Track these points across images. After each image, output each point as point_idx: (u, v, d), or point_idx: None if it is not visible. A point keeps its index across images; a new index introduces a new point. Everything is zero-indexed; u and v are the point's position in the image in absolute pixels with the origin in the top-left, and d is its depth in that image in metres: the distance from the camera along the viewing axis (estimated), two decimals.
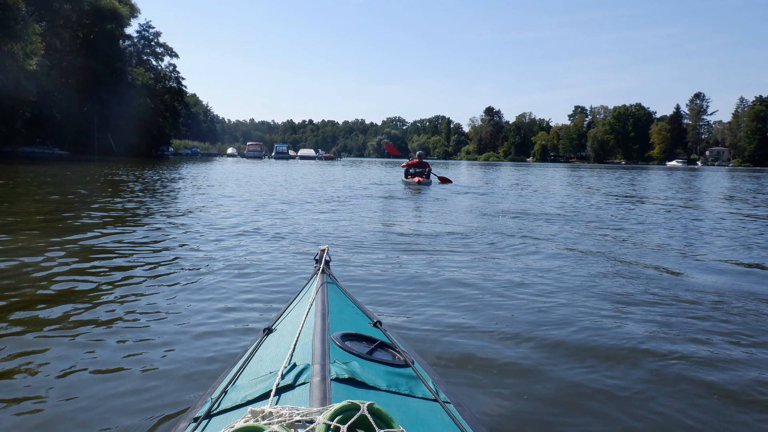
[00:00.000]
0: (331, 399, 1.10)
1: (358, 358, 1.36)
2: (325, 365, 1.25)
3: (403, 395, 1.26)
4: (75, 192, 11.69)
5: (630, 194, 16.12)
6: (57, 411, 2.12)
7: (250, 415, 0.95)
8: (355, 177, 24.75)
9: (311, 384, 1.17)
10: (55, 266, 4.41)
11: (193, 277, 4.20)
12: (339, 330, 1.52)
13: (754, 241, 6.88)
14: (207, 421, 1.21)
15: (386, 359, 1.43)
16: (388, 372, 1.34)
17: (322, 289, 1.85)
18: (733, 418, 2.21)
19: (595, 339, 3.03)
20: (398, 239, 6.33)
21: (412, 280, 4.27)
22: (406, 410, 1.18)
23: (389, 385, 1.27)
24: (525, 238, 6.56)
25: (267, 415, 0.95)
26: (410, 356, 1.52)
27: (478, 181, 22.46)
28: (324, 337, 1.42)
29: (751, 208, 12.12)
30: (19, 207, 8.66)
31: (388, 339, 1.59)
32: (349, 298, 1.97)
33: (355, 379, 1.23)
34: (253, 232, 6.62)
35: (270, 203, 10.60)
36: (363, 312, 1.87)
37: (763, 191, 19.28)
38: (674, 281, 4.46)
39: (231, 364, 1.67)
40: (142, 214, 8.11)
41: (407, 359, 1.44)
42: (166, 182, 16.22)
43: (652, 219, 9.24)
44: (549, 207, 11.11)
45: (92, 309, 3.33)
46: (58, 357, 2.61)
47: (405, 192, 14.82)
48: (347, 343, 1.45)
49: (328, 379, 1.19)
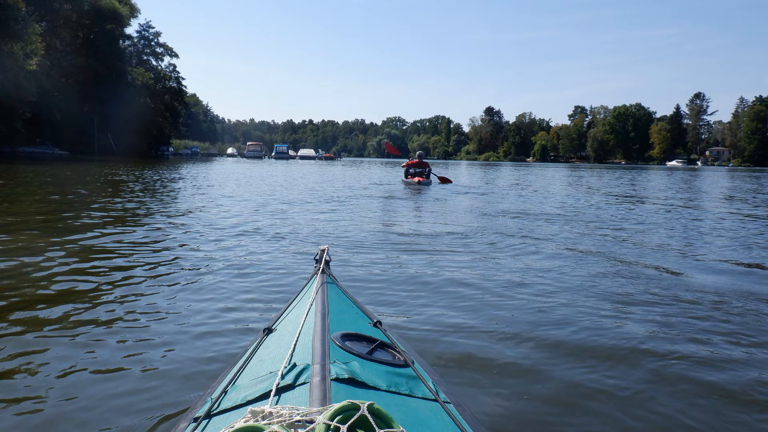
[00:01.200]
0: (331, 399, 1.10)
1: (358, 358, 1.36)
2: (325, 365, 1.25)
3: (403, 395, 1.26)
4: (75, 192, 11.70)
5: (630, 194, 16.13)
6: (57, 411, 2.12)
7: (250, 415, 0.95)
8: (355, 177, 24.75)
9: (311, 384, 1.17)
10: (55, 266, 4.42)
11: (193, 277, 4.20)
12: (339, 330, 1.52)
13: (754, 241, 6.88)
14: (207, 421, 1.21)
15: (386, 359, 1.43)
16: (388, 372, 1.34)
17: (322, 289, 1.85)
18: (733, 418, 2.21)
19: (595, 339, 3.03)
20: (398, 239, 6.33)
21: (412, 280, 4.27)
22: (406, 410, 1.18)
23: (389, 385, 1.27)
24: (525, 238, 6.56)
25: (267, 415, 0.95)
26: (410, 356, 1.52)
27: (478, 181, 22.47)
28: (324, 337, 1.42)
29: (751, 208, 12.12)
30: (19, 207, 8.67)
31: (388, 339, 1.59)
32: (349, 298, 1.97)
33: (355, 379, 1.23)
34: (253, 232, 6.62)
35: (270, 203, 10.60)
36: (363, 312, 1.87)
37: (763, 191, 19.28)
38: (674, 281, 4.46)
39: (231, 364, 1.67)
40: (142, 214, 8.11)
41: (407, 359, 1.45)
42: (166, 182, 16.22)
43: (652, 219, 9.24)
44: (549, 207, 11.11)
45: (92, 309, 3.33)
46: (58, 357, 2.61)
47: (405, 192, 14.82)
48: (347, 343, 1.45)
49: (328, 379, 1.19)
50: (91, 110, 47.86)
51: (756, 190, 20.21)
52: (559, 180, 26.29)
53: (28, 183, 13.95)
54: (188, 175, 21.55)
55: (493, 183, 21.76)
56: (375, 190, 15.56)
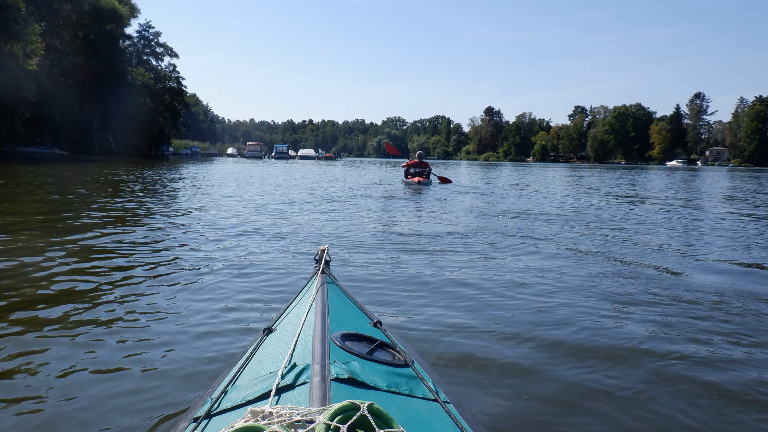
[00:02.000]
0: (332, 399, 1.10)
1: (357, 358, 1.36)
2: (325, 365, 1.25)
3: (403, 395, 1.26)
4: (75, 192, 11.69)
5: (630, 194, 16.12)
6: (57, 411, 2.12)
7: (250, 415, 0.95)
8: (354, 177, 24.74)
9: (311, 384, 1.17)
10: (55, 266, 4.41)
11: (193, 277, 4.20)
12: (339, 330, 1.52)
13: (754, 241, 6.87)
14: (207, 421, 1.21)
15: (386, 359, 1.43)
16: (388, 372, 1.34)
17: (322, 289, 1.85)
18: (733, 418, 2.21)
19: (595, 339, 3.03)
20: (398, 239, 6.33)
21: (412, 280, 4.27)
22: (406, 410, 1.18)
23: (389, 385, 1.27)
24: (525, 238, 6.56)
25: (267, 415, 0.95)
26: (410, 356, 1.52)
27: (478, 181, 22.46)
28: (324, 337, 1.42)
29: (751, 208, 12.12)
30: (19, 207, 8.66)
31: (388, 339, 1.59)
32: (349, 298, 1.97)
33: (355, 379, 1.23)
34: (253, 232, 6.62)
35: (270, 203, 10.60)
36: (363, 312, 1.87)
37: (763, 191, 19.27)
38: (674, 281, 4.46)
39: (231, 364, 1.67)
40: (142, 214, 8.11)
41: (407, 359, 1.44)
42: (166, 182, 16.22)
43: (652, 219, 9.23)
44: (549, 207, 11.11)
45: (92, 309, 3.33)
46: (58, 357, 2.61)
47: (405, 192, 14.82)
48: (347, 343, 1.45)
49: (328, 379, 1.19)
50: (90, 110, 47.84)
51: (756, 190, 20.20)
52: (559, 180, 26.28)
53: (28, 183, 13.94)
54: (188, 175, 21.55)
55: (493, 183, 21.76)
56: (375, 190, 15.56)
